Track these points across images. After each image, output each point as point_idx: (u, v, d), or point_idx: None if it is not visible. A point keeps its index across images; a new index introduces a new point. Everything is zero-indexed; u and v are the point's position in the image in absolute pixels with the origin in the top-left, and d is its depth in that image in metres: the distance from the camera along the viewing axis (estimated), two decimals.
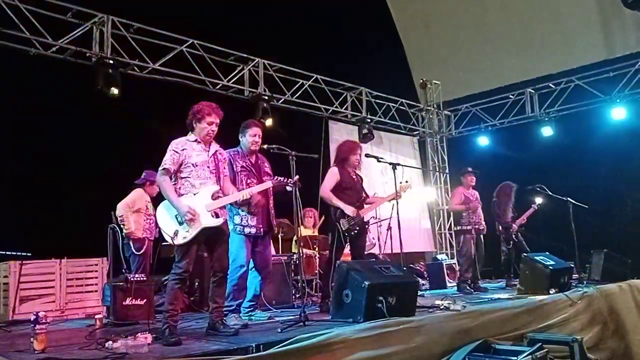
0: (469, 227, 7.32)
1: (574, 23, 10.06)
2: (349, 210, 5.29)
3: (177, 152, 4.02)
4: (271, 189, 4.89)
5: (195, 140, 4.11)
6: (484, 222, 7.50)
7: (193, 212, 3.88)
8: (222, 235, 4.14)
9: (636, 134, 9.33)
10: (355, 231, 5.35)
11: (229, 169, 4.77)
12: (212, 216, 4.01)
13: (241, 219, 4.75)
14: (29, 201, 6.90)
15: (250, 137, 4.91)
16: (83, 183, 7.23)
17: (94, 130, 7.41)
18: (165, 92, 7.66)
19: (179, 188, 4.01)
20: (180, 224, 3.91)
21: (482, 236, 7.49)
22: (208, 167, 4.09)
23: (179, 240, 3.88)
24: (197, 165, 4.03)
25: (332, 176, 5.44)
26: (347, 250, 5.63)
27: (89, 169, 7.33)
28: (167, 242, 4.09)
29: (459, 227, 7.44)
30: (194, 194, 4.00)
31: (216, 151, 4.21)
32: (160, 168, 4.02)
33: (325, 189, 5.40)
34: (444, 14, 11.37)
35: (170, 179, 4.01)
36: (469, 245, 7.28)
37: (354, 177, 5.59)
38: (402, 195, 5.65)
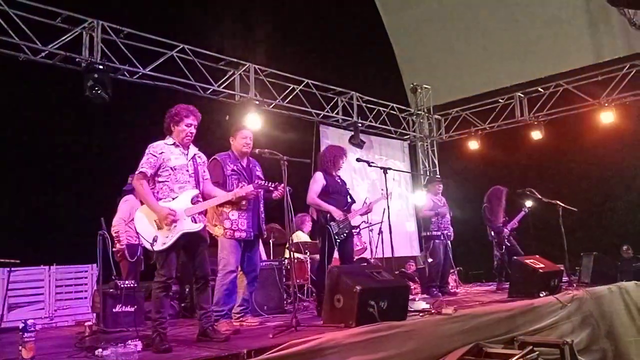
0: (438, 233, 7.37)
1: (562, 27, 10.15)
2: (338, 214, 5.33)
3: (154, 155, 3.94)
4: (262, 193, 4.88)
5: (174, 144, 4.04)
6: (451, 228, 7.55)
7: (174, 213, 3.82)
8: (201, 241, 4.06)
9: (624, 137, 9.42)
10: (345, 235, 5.38)
11: (220, 172, 4.76)
12: (192, 221, 3.95)
13: (231, 223, 4.70)
14: (18, 207, 6.84)
15: (242, 140, 4.91)
16: (72, 189, 7.18)
17: (84, 136, 7.37)
18: (155, 98, 7.62)
19: (157, 192, 3.94)
20: (160, 229, 3.84)
21: (449, 242, 7.51)
22: (187, 170, 4.02)
23: (158, 247, 3.81)
24: (175, 169, 3.96)
25: (318, 182, 5.46)
26: (335, 254, 5.62)
27: (78, 175, 7.27)
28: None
29: (428, 233, 7.46)
30: (173, 199, 3.92)
31: (195, 154, 4.15)
32: (137, 172, 3.93)
33: (312, 195, 5.42)
34: (434, 18, 11.43)
35: (148, 183, 3.94)
36: (439, 251, 7.32)
37: (339, 181, 5.63)
38: (373, 208, 5.77)
